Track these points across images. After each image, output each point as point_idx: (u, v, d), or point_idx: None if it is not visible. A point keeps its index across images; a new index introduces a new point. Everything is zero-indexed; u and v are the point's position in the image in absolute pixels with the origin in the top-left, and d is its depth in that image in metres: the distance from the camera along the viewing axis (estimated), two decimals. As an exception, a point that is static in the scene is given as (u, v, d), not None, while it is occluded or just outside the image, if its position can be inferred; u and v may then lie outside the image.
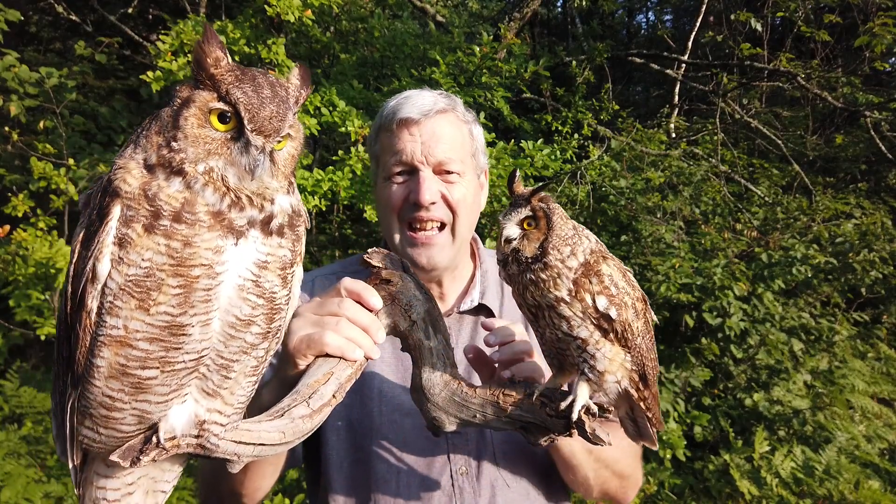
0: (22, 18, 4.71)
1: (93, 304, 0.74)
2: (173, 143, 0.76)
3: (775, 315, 4.62)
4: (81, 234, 0.77)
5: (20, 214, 4.01)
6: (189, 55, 4.23)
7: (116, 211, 0.73)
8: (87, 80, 6.15)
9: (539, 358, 1.18)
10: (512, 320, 1.36)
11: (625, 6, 12.71)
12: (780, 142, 7.24)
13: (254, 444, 0.86)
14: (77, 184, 4.27)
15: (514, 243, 1.04)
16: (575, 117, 6.57)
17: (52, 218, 4.14)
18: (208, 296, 0.75)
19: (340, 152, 4.51)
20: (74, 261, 0.76)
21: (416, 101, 1.48)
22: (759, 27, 6.52)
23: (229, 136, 0.77)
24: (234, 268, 0.77)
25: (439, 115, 1.48)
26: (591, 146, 6.17)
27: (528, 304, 1.04)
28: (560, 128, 6.48)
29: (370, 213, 4.32)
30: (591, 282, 0.98)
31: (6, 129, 4.37)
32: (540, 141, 5.01)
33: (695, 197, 5.82)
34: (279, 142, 0.80)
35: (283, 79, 0.83)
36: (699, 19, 8.06)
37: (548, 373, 1.15)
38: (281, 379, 1.05)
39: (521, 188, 1.09)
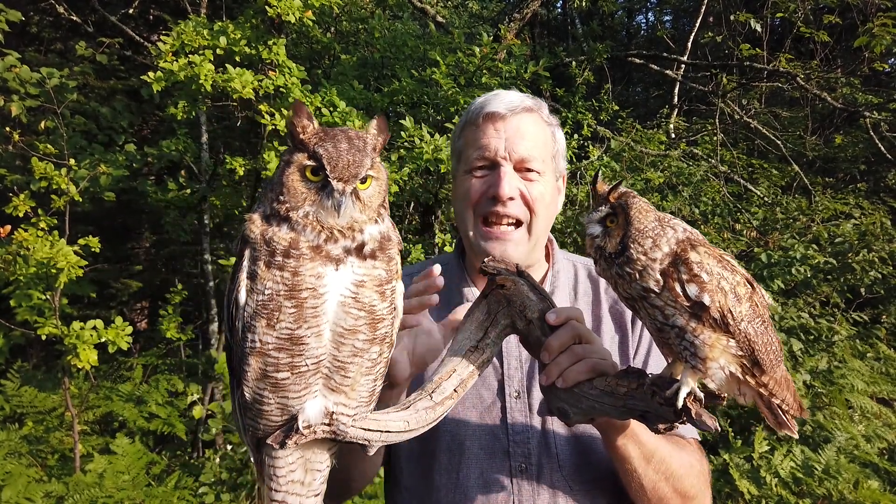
0: (23, 19, 4.72)
1: (238, 324, 0.96)
2: (280, 197, 0.96)
3: (774, 315, 4.63)
4: (231, 273, 1.00)
5: (21, 214, 4.01)
6: (190, 56, 4.24)
7: (247, 253, 0.96)
8: (88, 81, 6.15)
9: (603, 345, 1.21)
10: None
11: (624, 7, 12.72)
12: (779, 142, 7.26)
13: (381, 431, 1.03)
14: (78, 184, 4.27)
15: (598, 241, 1.09)
16: (575, 118, 6.57)
17: (52, 218, 4.14)
18: (316, 312, 0.93)
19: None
20: (227, 293, 1.00)
21: (503, 98, 1.52)
22: (758, 28, 6.54)
23: (319, 186, 0.96)
24: (334, 288, 0.95)
25: (525, 112, 1.51)
26: (590, 146, 6.18)
27: (623, 298, 1.08)
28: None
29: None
30: (679, 271, 0.99)
31: (7, 129, 4.37)
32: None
33: (694, 197, 5.83)
34: (362, 183, 0.97)
35: (362, 131, 1.01)
36: (699, 20, 8.08)
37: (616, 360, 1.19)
38: None
39: (602, 187, 1.12)
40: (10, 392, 5.08)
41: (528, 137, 1.49)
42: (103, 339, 3.79)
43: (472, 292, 1.56)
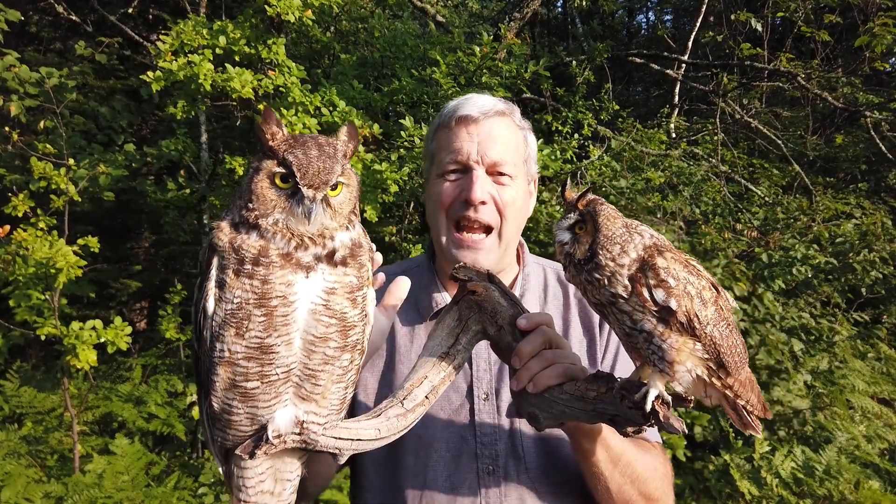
0: (22, 18, 4.72)
1: (206, 333, 0.95)
2: (249, 204, 0.95)
3: (775, 315, 4.62)
4: (198, 281, 0.99)
5: (20, 214, 4.01)
6: (189, 55, 4.23)
7: (215, 261, 0.95)
8: (87, 80, 6.15)
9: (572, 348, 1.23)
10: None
11: (625, 6, 12.72)
12: (780, 142, 7.25)
13: (351, 439, 1.02)
14: (77, 184, 4.27)
15: (567, 247, 1.11)
16: (575, 117, 6.57)
17: (52, 218, 4.14)
18: (286, 320, 0.92)
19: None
20: (194, 301, 0.98)
21: (476, 102, 1.53)
22: (759, 27, 6.53)
23: (289, 193, 0.95)
24: (305, 296, 0.94)
25: (497, 116, 1.52)
26: (591, 146, 6.17)
27: (592, 303, 1.10)
28: (560, 128, 6.48)
29: (370, 214, 4.33)
30: (646, 276, 1.01)
31: (6, 129, 4.36)
32: (540, 141, 5.01)
33: (695, 197, 5.82)
34: (333, 189, 0.97)
35: (332, 137, 1.00)
36: (699, 19, 8.07)
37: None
38: None
39: (571, 194, 1.14)
40: (9, 392, 5.08)
41: (500, 141, 1.49)
42: (102, 340, 3.78)
43: (443, 297, 1.56)
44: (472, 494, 1.37)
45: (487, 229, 1.50)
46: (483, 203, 1.46)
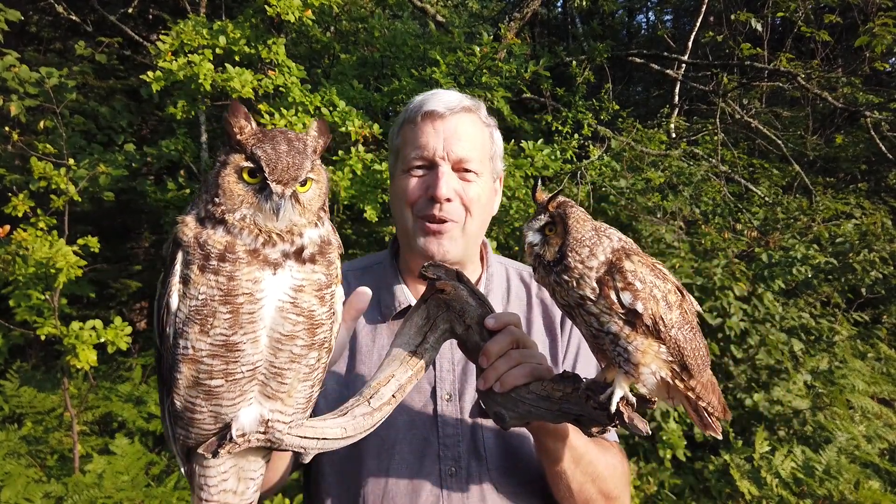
0: (22, 18, 4.71)
1: (170, 330, 0.92)
2: (216, 199, 0.93)
3: (775, 315, 4.62)
4: (161, 277, 0.96)
5: (20, 214, 4.00)
6: (189, 55, 4.23)
7: (179, 256, 0.92)
8: (87, 80, 6.15)
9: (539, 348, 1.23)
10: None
11: (625, 6, 12.71)
12: (780, 142, 7.25)
13: (317, 438, 1.01)
14: (77, 184, 4.27)
15: (536, 249, 1.12)
16: (575, 117, 6.57)
17: (52, 218, 4.14)
18: (253, 318, 0.90)
19: (340, 152, 4.50)
20: (157, 297, 0.96)
21: (442, 98, 1.52)
22: (759, 27, 6.53)
23: (257, 188, 0.93)
24: (272, 293, 0.92)
25: (464, 112, 1.51)
26: (591, 146, 6.17)
27: (560, 304, 1.11)
28: (560, 128, 6.48)
29: (370, 213, 4.32)
30: (614, 279, 1.03)
31: (6, 128, 4.37)
32: (540, 141, 5.01)
33: (695, 197, 5.82)
34: (302, 185, 0.95)
35: (302, 133, 0.98)
36: (699, 19, 8.07)
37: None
38: None
39: (541, 196, 1.15)
40: (9, 392, 5.07)
41: (465, 138, 1.49)
42: (102, 340, 3.78)
43: (403, 290, 1.56)
44: (433, 497, 1.36)
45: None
46: (448, 200, 1.46)
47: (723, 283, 4.47)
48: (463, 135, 1.49)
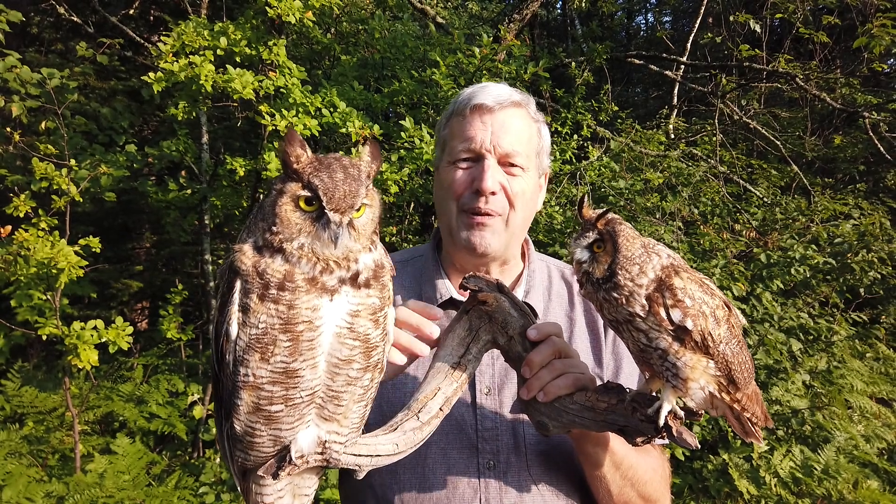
0: (23, 19, 4.72)
1: (229, 357, 0.94)
2: (273, 227, 0.94)
3: (774, 315, 4.64)
4: (218, 303, 0.97)
5: (22, 215, 4.01)
6: (190, 56, 4.24)
7: (238, 285, 0.93)
8: (88, 81, 6.16)
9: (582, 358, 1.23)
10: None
11: (624, 8, 12.73)
12: (778, 143, 7.26)
13: (371, 455, 1.04)
14: (78, 184, 4.27)
15: (585, 266, 1.12)
16: (574, 118, 6.58)
17: (53, 218, 4.15)
18: (312, 345, 0.92)
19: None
20: (215, 324, 0.98)
21: (492, 91, 1.52)
22: (757, 28, 6.55)
23: (314, 216, 0.93)
24: (330, 320, 0.93)
25: (513, 107, 1.51)
26: (590, 147, 6.19)
27: (607, 320, 1.11)
28: (559, 129, 6.50)
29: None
30: (664, 296, 1.03)
31: (8, 129, 4.37)
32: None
33: (693, 197, 5.84)
34: (357, 211, 0.95)
35: (356, 158, 0.99)
36: (698, 21, 8.09)
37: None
38: None
39: (589, 213, 1.14)
40: (10, 392, 5.08)
41: (513, 132, 1.48)
42: (104, 340, 3.79)
43: (446, 284, 1.55)
44: (471, 489, 1.35)
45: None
46: (493, 193, 1.46)
47: (721, 284, 4.48)
48: (511, 129, 1.48)
